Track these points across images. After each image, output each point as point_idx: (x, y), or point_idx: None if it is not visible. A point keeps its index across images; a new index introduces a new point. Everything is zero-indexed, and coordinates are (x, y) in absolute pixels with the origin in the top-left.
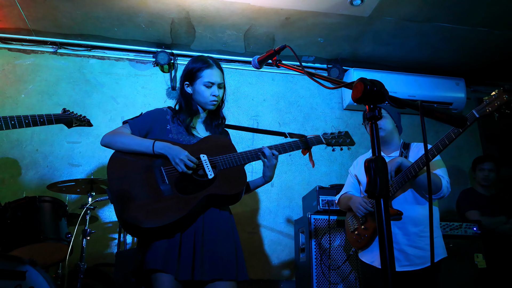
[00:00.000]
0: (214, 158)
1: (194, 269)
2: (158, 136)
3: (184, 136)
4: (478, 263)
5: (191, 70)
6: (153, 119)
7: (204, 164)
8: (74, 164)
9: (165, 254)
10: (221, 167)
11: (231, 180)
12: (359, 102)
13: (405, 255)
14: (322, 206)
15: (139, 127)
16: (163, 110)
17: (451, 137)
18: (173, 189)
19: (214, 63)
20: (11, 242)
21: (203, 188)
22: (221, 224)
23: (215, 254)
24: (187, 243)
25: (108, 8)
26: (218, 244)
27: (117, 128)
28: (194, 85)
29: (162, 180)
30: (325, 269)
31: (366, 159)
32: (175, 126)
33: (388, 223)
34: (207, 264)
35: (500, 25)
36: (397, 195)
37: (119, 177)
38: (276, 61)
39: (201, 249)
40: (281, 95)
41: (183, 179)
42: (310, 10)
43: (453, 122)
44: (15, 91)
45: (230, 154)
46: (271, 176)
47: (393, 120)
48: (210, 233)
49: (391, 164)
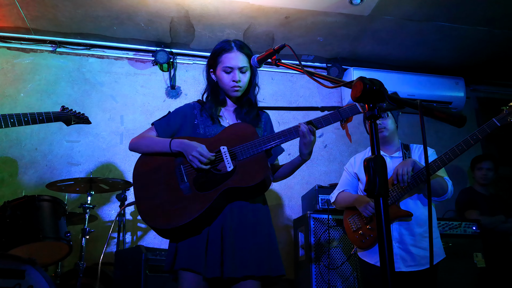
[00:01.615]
0: (234, 149)
1: (223, 266)
2: (186, 133)
3: (212, 129)
4: (478, 262)
5: (213, 56)
6: (180, 117)
7: (224, 157)
8: (73, 163)
9: (191, 251)
10: (240, 157)
11: (251, 170)
12: (359, 101)
13: (411, 255)
14: (321, 205)
15: (164, 127)
16: (191, 105)
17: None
18: (191, 187)
19: (236, 46)
20: (10, 241)
21: (222, 182)
22: (251, 217)
23: (247, 249)
24: (215, 239)
25: (107, 7)
26: (248, 239)
27: (144, 131)
28: (216, 72)
29: (181, 179)
30: (324, 269)
31: (365, 158)
32: (203, 120)
33: (388, 222)
34: (238, 261)
35: (499, 24)
36: (405, 197)
37: (143, 179)
38: (275, 60)
39: (231, 245)
40: (280, 94)
41: (202, 175)
42: (310, 9)
43: (452, 121)
44: (14, 90)
45: (251, 141)
46: (309, 153)
47: (394, 120)
48: (240, 227)
49: (406, 164)
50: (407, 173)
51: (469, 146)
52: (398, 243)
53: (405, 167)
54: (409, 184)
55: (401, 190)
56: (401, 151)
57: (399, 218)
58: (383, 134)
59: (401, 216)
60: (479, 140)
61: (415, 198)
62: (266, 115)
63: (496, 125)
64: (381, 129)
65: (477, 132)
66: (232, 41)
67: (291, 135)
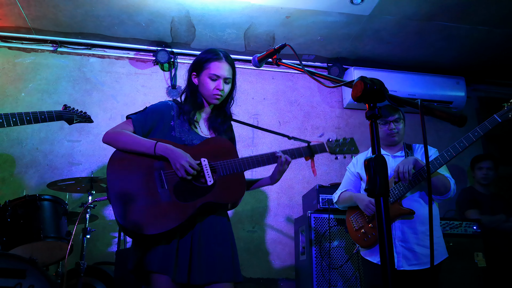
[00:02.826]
0: (215, 164)
1: (190, 273)
2: (161, 133)
3: (187, 134)
4: (478, 262)
5: (199, 61)
6: (157, 115)
7: (205, 169)
8: (74, 162)
9: (163, 256)
10: (221, 173)
11: (230, 188)
12: (359, 101)
13: (414, 254)
14: (322, 205)
15: (142, 123)
16: (168, 105)
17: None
18: (171, 195)
19: (224, 56)
20: (11, 240)
21: (201, 195)
22: (218, 228)
23: (212, 258)
24: (184, 247)
25: (108, 7)
26: (215, 248)
27: (119, 124)
28: (200, 76)
29: (161, 184)
30: (325, 268)
31: (366, 158)
32: (179, 123)
33: (388, 222)
34: (204, 268)
35: (500, 23)
36: (407, 195)
37: (119, 178)
38: (276, 60)
39: (197, 253)
40: (281, 93)
41: (182, 184)
42: (310, 9)
43: (453, 121)
44: (15, 90)
45: (231, 159)
46: (279, 179)
47: (404, 124)
48: (207, 237)
49: (407, 162)
50: (408, 171)
51: (470, 142)
52: (401, 242)
53: (407, 165)
54: (411, 182)
55: (403, 188)
56: (404, 150)
57: (402, 216)
58: (394, 139)
59: (403, 214)
60: (480, 136)
61: (417, 196)
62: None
63: (497, 121)
64: (394, 134)
65: (478, 128)
66: (220, 51)
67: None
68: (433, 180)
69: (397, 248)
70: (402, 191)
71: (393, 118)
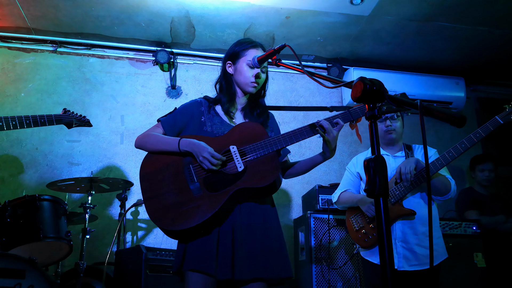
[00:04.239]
0: (244, 148)
1: (234, 268)
2: (193, 131)
3: (219, 127)
4: (478, 262)
5: (235, 50)
6: (186, 114)
7: (234, 156)
8: (74, 163)
9: (201, 253)
10: (251, 157)
11: (262, 171)
12: (359, 101)
13: (414, 254)
14: (321, 205)
15: (171, 124)
16: (197, 102)
17: (459, 151)
18: (202, 188)
19: (260, 45)
20: (11, 240)
21: (232, 183)
22: (260, 218)
23: (256, 251)
24: (226, 240)
25: (108, 7)
26: (258, 241)
27: (150, 128)
28: (236, 64)
29: (191, 179)
30: (325, 269)
31: (366, 159)
32: (210, 117)
33: (388, 222)
34: (248, 262)
35: (500, 24)
36: (408, 196)
37: (150, 179)
38: (276, 60)
39: (240, 246)
40: (281, 94)
41: (212, 176)
42: (310, 9)
43: (452, 121)
44: (15, 90)
45: (261, 141)
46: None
47: (402, 122)
48: (250, 229)
49: (409, 162)
50: (410, 171)
51: (472, 143)
52: (401, 242)
53: (409, 166)
54: (412, 183)
55: (404, 189)
56: (404, 150)
57: (403, 217)
58: (391, 136)
59: (404, 215)
60: (482, 137)
61: (418, 197)
62: (272, 115)
63: (499, 123)
64: (391, 131)
65: (480, 130)
66: (255, 41)
67: (302, 135)
68: (434, 181)
69: (398, 249)
70: (403, 191)
71: (389, 115)
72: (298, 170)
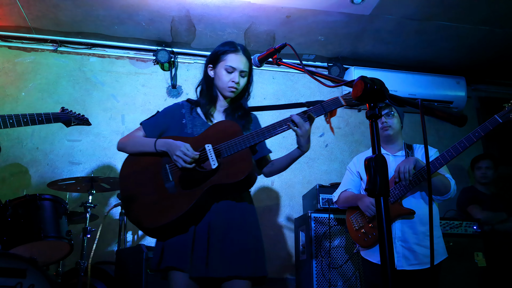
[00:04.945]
0: (219, 146)
1: (208, 266)
2: (174, 133)
3: (200, 128)
4: (478, 262)
5: (216, 53)
6: (168, 117)
7: (208, 154)
8: (74, 162)
9: (178, 250)
10: (225, 154)
11: (235, 167)
12: (360, 101)
13: (414, 254)
14: (322, 205)
15: (152, 127)
16: (179, 105)
17: (458, 150)
18: (177, 186)
19: (242, 49)
20: (11, 240)
21: (207, 179)
22: (237, 216)
23: (232, 249)
24: (201, 238)
25: (108, 7)
26: (233, 239)
27: (132, 131)
28: (216, 68)
29: (167, 178)
30: (325, 268)
31: (366, 158)
32: (191, 119)
33: (388, 222)
34: (221, 260)
35: (501, 23)
36: (407, 195)
37: (130, 180)
38: (276, 60)
39: (215, 244)
40: (281, 93)
41: (187, 174)
42: (311, 8)
43: (453, 121)
44: (15, 89)
45: (235, 138)
46: (307, 143)
47: (400, 120)
48: (225, 227)
49: (408, 162)
50: (408, 171)
51: (471, 142)
52: (401, 242)
53: (407, 165)
54: (411, 182)
55: (403, 188)
56: (404, 150)
57: (402, 216)
58: (387, 133)
59: (403, 214)
60: (481, 136)
61: (417, 196)
62: (255, 116)
63: (498, 122)
64: (386, 127)
65: (479, 128)
66: (237, 44)
67: (274, 131)
68: (434, 181)
69: (397, 248)
70: (403, 191)
71: (384, 112)
72: (278, 167)
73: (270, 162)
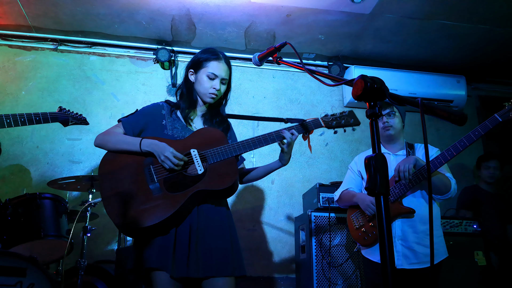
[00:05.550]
0: (205, 152)
1: (189, 266)
2: (153, 133)
3: (179, 131)
4: (478, 261)
5: (198, 59)
6: (147, 116)
7: (194, 159)
8: (74, 161)
9: (160, 251)
10: (211, 160)
11: (221, 174)
12: (360, 99)
13: (414, 253)
14: (322, 204)
15: (132, 125)
16: (159, 105)
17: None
18: (162, 188)
19: (224, 57)
20: (12, 239)
21: (192, 184)
22: (217, 220)
23: (210, 251)
24: (182, 239)
25: (108, 5)
26: (213, 241)
27: (110, 127)
28: (197, 74)
29: (151, 179)
30: (326, 267)
31: (367, 157)
32: (171, 121)
33: (388, 221)
34: (201, 261)
35: (501, 22)
36: (407, 194)
37: (110, 178)
38: (276, 58)
39: (195, 246)
40: (281, 92)
41: (172, 177)
42: (311, 7)
43: (453, 120)
44: (16, 88)
45: (221, 146)
46: (289, 158)
47: (402, 119)
48: (205, 229)
49: (408, 161)
50: (408, 169)
51: (471, 141)
52: (401, 241)
53: (407, 164)
54: (411, 181)
55: (403, 187)
56: (405, 149)
57: (402, 215)
58: (389, 133)
59: (403, 213)
60: (481, 135)
61: (418, 195)
62: (230, 123)
63: (498, 121)
64: (388, 127)
65: (479, 127)
66: (219, 52)
67: (260, 143)
68: (434, 180)
69: (397, 247)
70: (403, 190)
71: (385, 112)
72: (255, 176)
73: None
